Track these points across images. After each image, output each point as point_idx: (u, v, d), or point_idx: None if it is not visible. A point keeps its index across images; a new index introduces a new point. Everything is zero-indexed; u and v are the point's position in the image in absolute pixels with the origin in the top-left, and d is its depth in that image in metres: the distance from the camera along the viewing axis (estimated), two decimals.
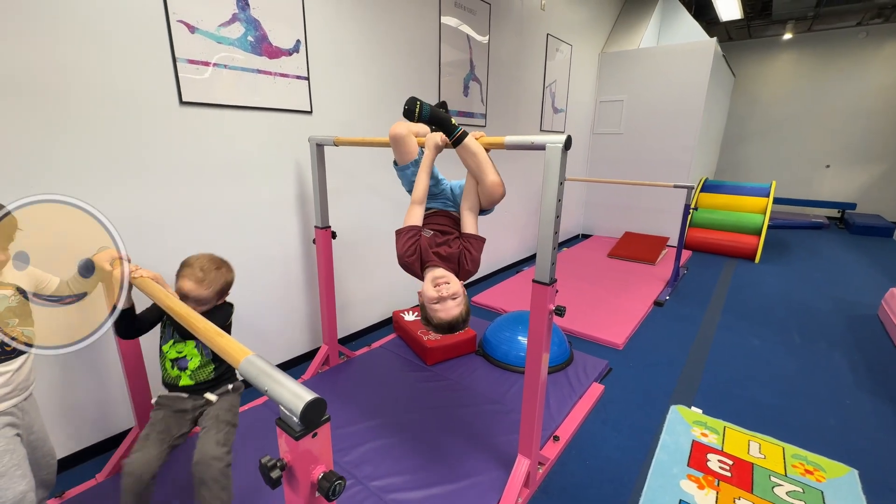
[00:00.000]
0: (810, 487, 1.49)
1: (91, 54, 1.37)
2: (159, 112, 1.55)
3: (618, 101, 4.93)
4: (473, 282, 3.62)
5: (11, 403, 1.03)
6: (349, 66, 2.20)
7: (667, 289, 3.45)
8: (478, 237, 1.29)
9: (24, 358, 1.06)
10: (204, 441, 1.18)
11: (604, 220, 5.40)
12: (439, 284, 1.20)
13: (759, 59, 7.32)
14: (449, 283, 1.20)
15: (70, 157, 1.37)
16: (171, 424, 1.23)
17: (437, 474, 1.49)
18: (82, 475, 1.48)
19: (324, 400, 0.59)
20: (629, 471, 1.57)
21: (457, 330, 1.23)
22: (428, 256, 1.24)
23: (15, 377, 1.03)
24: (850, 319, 2.97)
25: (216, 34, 1.64)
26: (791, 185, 7.35)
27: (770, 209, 4.59)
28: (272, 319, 2.11)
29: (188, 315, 0.84)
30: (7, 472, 0.98)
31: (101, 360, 1.57)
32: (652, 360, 2.38)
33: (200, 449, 1.17)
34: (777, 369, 2.29)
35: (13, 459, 1.00)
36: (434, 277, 1.21)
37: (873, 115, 6.61)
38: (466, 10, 2.88)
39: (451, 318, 1.19)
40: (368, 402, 1.89)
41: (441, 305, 1.19)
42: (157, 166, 1.58)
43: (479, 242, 1.28)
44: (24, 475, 1.01)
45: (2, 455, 0.98)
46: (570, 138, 1.10)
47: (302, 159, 2.06)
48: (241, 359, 0.68)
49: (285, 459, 0.60)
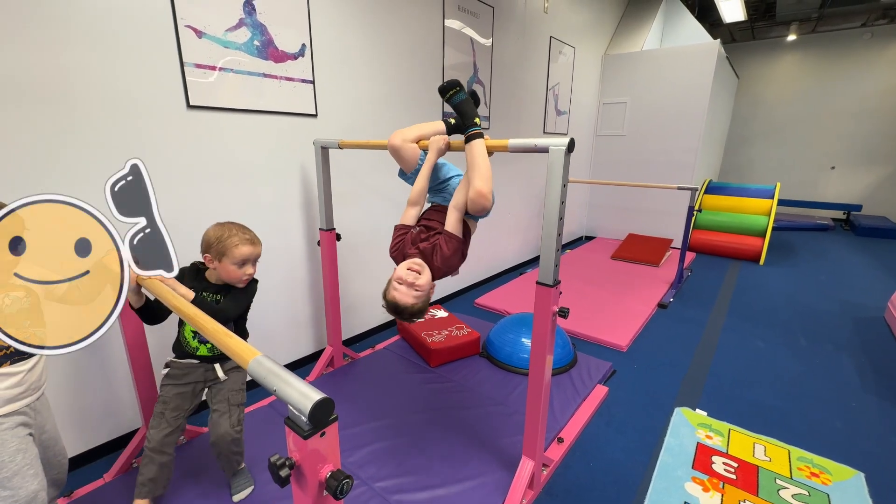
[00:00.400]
0: (816, 490, 1.48)
1: (99, 58, 1.39)
2: (167, 116, 1.57)
3: (621, 104, 4.93)
4: (476, 284, 3.63)
5: (24, 403, 1.04)
6: (354, 69, 2.22)
7: (671, 291, 3.45)
8: (452, 235, 1.27)
9: (37, 358, 1.07)
10: (219, 424, 1.32)
11: (607, 222, 5.39)
12: (412, 269, 1.23)
13: (763, 61, 7.30)
14: (420, 273, 1.23)
15: (77, 161, 1.39)
16: (182, 401, 1.34)
17: (441, 475, 1.49)
18: (91, 475, 1.50)
19: (331, 399, 0.60)
20: (633, 473, 1.56)
21: (401, 316, 1.26)
22: (406, 249, 1.30)
23: (28, 377, 1.04)
24: (856, 322, 2.95)
25: (223, 39, 1.66)
26: (796, 187, 7.31)
27: (774, 211, 4.58)
28: (277, 321, 2.12)
29: (196, 316, 0.85)
30: (20, 471, 0.99)
31: (109, 361, 1.59)
32: (656, 362, 2.37)
33: (216, 432, 1.31)
34: (782, 371, 2.28)
35: (25, 458, 1.02)
36: (412, 262, 1.25)
37: (878, 117, 6.57)
38: (470, 13, 2.89)
39: (402, 303, 1.22)
40: (373, 403, 1.90)
41: (401, 287, 1.22)
42: (163, 169, 1.60)
43: (454, 241, 1.27)
44: (36, 474, 1.03)
45: (14, 454, 0.99)
46: (573, 141, 1.10)
47: (307, 162, 2.08)
48: (249, 359, 0.69)
49: (294, 458, 0.61)
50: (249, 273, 1.35)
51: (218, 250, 1.30)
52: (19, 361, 1.02)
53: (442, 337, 2.30)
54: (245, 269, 1.33)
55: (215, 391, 1.37)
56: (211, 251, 1.31)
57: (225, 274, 1.32)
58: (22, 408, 1.04)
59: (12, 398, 1.01)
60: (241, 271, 1.33)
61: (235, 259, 1.30)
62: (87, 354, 1.53)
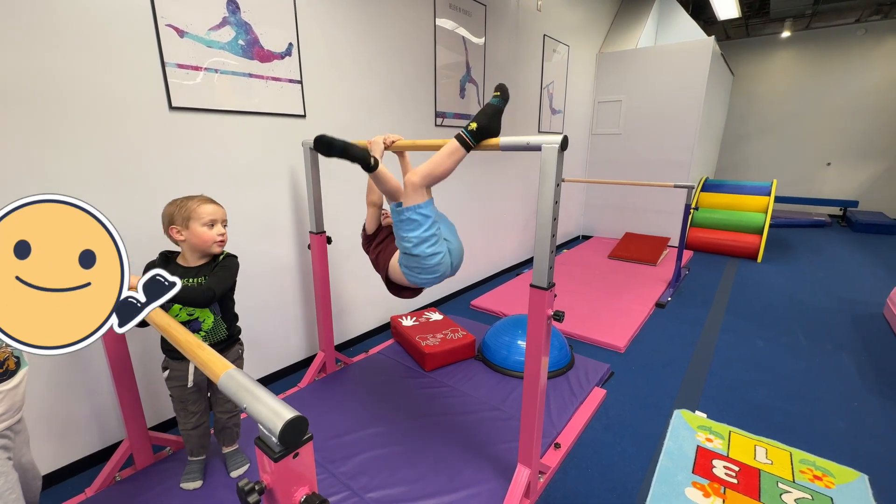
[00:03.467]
0: (820, 494, 1.44)
1: (76, 59, 1.34)
2: (148, 118, 1.52)
3: (616, 102, 4.91)
4: (472, 285, 3.59)
5: (6, 426, 0.99)
6: (343, 69, 2.17)
7: (668, 290, 3.41)
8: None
9: (20, 377, 1.01)
10: (222, 409, 1.45)
11: (604, 222, 5.36)
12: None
13: (758, 58, 7.28)
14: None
15: (57, 165, 1.35)
16: (197, 396, 1.41)
17: (435, 484, 1.45)
18: (72, 489, 1.45)
19: (305, 418, 0.56)
20: (633, 478, 1.52)
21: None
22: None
23: (10, 396, 0.98)
24: (856, 319, 2.93)
25: (206, 38, 1.62)
26: (792, 184, 7.30)
27: (771, 208, 4.55)
28: (267, 327, 2.07)
29: (168, 327, 0.81)
30: (2, 495, 0.94)
31: (90, 371, 1.54)
32: (654, 363, 2.34)
33: (219, 419, 1.46)
34: (782, 371, 2.25)
35: (7, 483, 0.96)
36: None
37: (874, 112, 6.56)
38: (462, 11, 2.85)
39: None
40: (365, 409, 1.86)
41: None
42: (147, 173, 1.55)
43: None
44: (18, 499, 0.98)
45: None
46: (567, 138, 1.06)
47: (296, 164, 2.03)
48: (220, 373, 0.65)
49: (264, 482, 0.57)
50: (221, 234, 1.30)
51: (182, 216, 1.25)
52: (4, 381, 0.97)
53: (437, 340, 2.26)
54: (216, 228, 1.29)
55: (216, 387, 1.34)
56: (176, 221, 1.26)
57: (198, 240, 1.27)
58: (3, 430, 0.99)
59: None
60: (213, 232, 1.28)
61: (203, 219, 1.26)
62: (67, 365, 1.48)
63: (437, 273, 1.26)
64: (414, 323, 2.47)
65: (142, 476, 1.48)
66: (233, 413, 1.47)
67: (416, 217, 1.18)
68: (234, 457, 1.51)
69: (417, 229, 1.18)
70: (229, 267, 1.34)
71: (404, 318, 2.53)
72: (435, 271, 1.25)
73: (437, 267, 1.24)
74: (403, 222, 1.19)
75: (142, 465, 1.51)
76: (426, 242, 1.18)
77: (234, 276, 1.36)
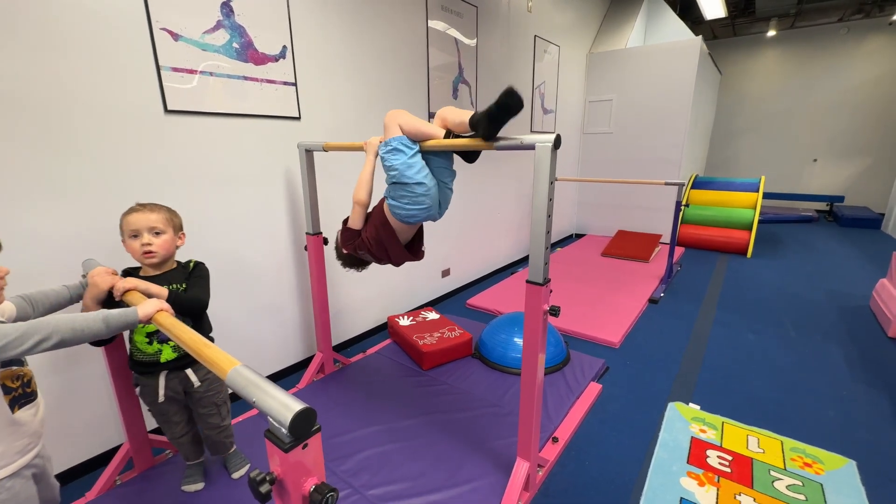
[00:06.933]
0: (810, 480, 1.48)
1: (71, 64, 1.34)
2: (144, 121, 1.53)
3: (607, 101, 4.96)
4: (468, 284, 3.61)
5: (35, 454, 0.98)
6: (337, 71, 2.19)
7: (661, 286, 3.46)
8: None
9: (38, 402, 1.00)
10: (208, 425, 1.39)
11: (597, 220, 5.42)
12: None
13: (745, 57, 7.40)
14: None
15: (52, 168, 1.35)
16: (178, 407, 1.36)
17: (436, 480, 1.47)
18: (74, 493, 1.44)
19: (313, 410, 0.58)
20: (629, 470, 1.56)
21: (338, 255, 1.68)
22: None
23: (34, 422, 0.97)
24: (843, 311, 3.00)
25: (200, 41, 1.63)
26: (780, 180, 7.43)
27: (760, 204, 4.63)
28: (264, 328, 2.08)
29: (172, 326, 0.82)
30: None
31: (90, 377, 1.54)
32: (649, 357, 2.38)
33: (206, 424, 1.39)
34: (773, 363, 2.30)
35: None
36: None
37: (857, 110, 6.70)
38: (453, 13, 2.88)
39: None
40: (364, 409, 1.87)
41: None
42: (142, 176, 1.55)
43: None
44: None
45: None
46: (560, 137, 1.09)
47: (291, 166, 2.04)
48: (228, 369, 0.66)
49: (275, 473, 0.58)
50: (145, 244, 1.20)
51: (120, 231, 1.23)
52: (27, 405, 0.95)
53: (434, 339, 2.28)
54: (143, 238, 1.20)
55: (196, 398, 1.33)
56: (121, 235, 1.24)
57: (130, 253, 1.22)
58: (33, 459, 0.97)
59: (23, 449, 0.94)
60: (137, 242, 1.20)
61: (126, 231, 1.21)
62: (68, 370, 1.48)
63: (423, 205, 1.34)
64: (411, 322, 2.49)
65: (142, 479, 1.48)
66: (220, 428, 1.41)
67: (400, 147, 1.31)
68: (234, 458, 1.52)
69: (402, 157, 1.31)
70: (206, 276, 1.33)
71: (401, 317, 2.55)
72: (422, 203, 1.34)
73: (423, 198, 1.33)
74: (390, 153, 1.32)
75: (142, 469, 1.51)
76: (412, 168, 1.30)
77: (208, 281, 1.34)
